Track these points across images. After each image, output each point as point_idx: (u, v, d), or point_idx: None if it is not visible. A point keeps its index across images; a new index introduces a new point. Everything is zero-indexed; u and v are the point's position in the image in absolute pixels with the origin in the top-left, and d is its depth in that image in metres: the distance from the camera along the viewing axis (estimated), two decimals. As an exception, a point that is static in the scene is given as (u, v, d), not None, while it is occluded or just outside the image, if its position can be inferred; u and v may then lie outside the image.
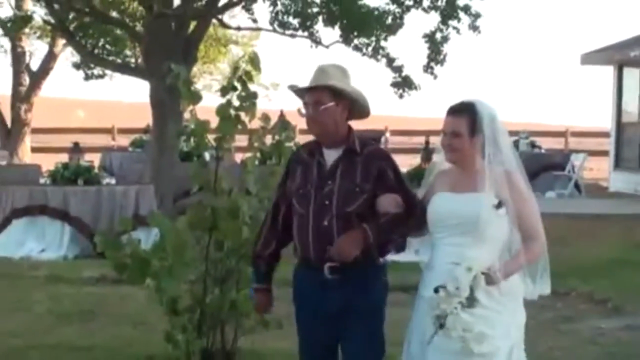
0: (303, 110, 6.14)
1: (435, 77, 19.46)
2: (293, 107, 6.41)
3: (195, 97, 9.02)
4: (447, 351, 5.53)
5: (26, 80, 28.74)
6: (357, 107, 6.11)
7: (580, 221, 18.86)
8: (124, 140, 29.73)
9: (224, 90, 8.92)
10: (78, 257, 15.28)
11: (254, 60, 8.73)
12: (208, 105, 9.56)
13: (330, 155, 6.08)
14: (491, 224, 5.58)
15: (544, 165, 24.26)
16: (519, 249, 5.63)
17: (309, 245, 6.03)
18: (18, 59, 28.93)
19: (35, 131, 29.25)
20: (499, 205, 5.58)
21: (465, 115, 5.68)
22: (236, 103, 8.90)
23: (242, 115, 8.84)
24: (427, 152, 16.44)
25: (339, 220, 5.92)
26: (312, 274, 6.06)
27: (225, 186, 8.84)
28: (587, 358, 9.85)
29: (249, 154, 9.17)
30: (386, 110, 26.50)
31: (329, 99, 6.01)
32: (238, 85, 8.82)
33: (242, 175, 9.03)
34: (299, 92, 6.26)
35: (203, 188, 8.99)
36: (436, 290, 5.35)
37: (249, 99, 8.91)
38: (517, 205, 5.63)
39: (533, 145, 25.25)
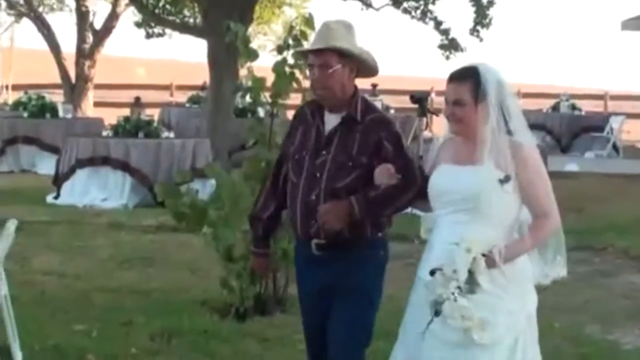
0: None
1: (481, 39, 19.40)
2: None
3: (252, 54, 9.07)
4: (444, 341, 4.80)
5: (90, 38, 28.84)
6: (364, 66, 5.47)
7: (617, 180, 18.80)
8: (181, 97, 29.81)
9: (279, 49, 8.96)
10: (138, 206, 15.41)
11: (309, 20, 8.76)
12: (261, 65, 9.58)
13: (331, 121, 5.43)
14: (495, 200, 4.78)
15: (583, 127, 24.20)
16: (528, 229, 4.91)
17: (297, 219, 5.43)
18: (82, 18, 29.03)
19: (98, 87, 29.40)
20: (505, 179, 4.74)
21: (469, 81, 4.87)
22: (291, 61, 8.95)
23: (297, 72, 8.88)
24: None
25: (327, 195, 5.27)
26: (301, 248, 5.54)
27: (279, 140, 8.88)
28: (621, 311, 9.79)
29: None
30: (432, 72, 26.39)
31: (336, 61, 5.34)
32: (294, 43, 8.87)
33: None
34: (304, 52, 5.88)
35: (258, 142, 9.05)
36: (432, 273, 4.68)
37: (304, 57, 8.96)
38: (525, 180, 4.79)
39: (573, 107, 25.09)
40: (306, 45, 7.94)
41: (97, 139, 16.64)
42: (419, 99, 13.44)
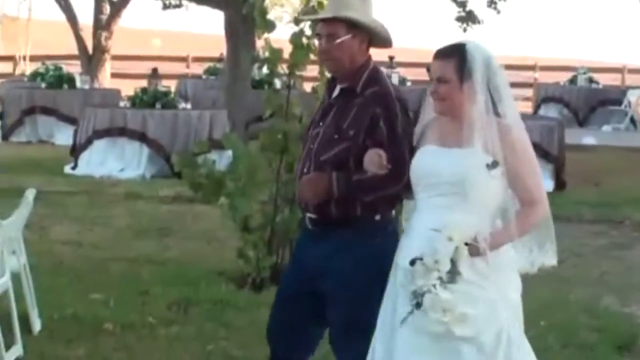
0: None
1: (499, 12, 19.37)
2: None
3: (270, 25, 9.08)
4: (424, 332, 4.51)
5: (107, 9, 28.81)
6: (377, 38, 5.15)
7: (635, 154, 18.78)
8: (197, 69, 29.83)
9: (297, 20, 8.98)
10: (155, 177, 15.49)
11: (325, -9, 8.78)
12: (278, 37, 9.59)
13: (336, 92, 5.20)
14: (481, 186, 4.49)
15: (600, 100, 24.18)
16: (513, 216, 4.56)
17: (297, 191, 5.28)
18: (99, -12, 29.09)
19: (115, 58, 29.38)
20: (493, 164, 4.44)
21: (454, 58, 4.56)
22: (308, 32, 8.95)
23: (314, 44, 8.88)
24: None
25: (314, 168, 5.02)
26: (303, 221, 5.29)
27: (296, 112, 8.92)
28: (637, 284, 9.81)
29: (319, 83, 9.17)
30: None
31: (345, 31, 5.02)
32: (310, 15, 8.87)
33: (313, 102, 9.06)
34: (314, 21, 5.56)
35: (275, 114, 9.07)
36: (412, 263, 4.45)
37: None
38: (513, 166, 4.49)
39: (591, 80, 25.04)
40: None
41: (115, 109, 16.73)
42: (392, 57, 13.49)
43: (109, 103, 18.19)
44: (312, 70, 9.36)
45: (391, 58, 22.42)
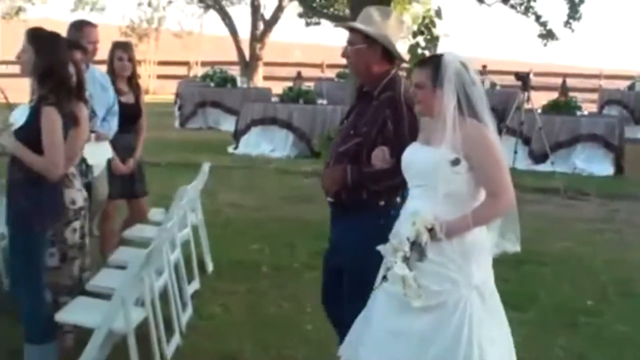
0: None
1: (573, 30, 18.96)
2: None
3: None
4: (394, 298, 4.19)
5: (260, 26, 29.15)
6: (391, 52, 4.81)
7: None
8: (330, 73, 29.86)
9: (414, 34, 9.01)
10: (298, 157, 15.58)
11: (438, 12, 8.78)
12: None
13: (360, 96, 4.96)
14: (445, 180, 4.12)
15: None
16: (476, 207, 4.16)
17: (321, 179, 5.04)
18: (255, 9, 29.33)
19: (266, 64, 29.67)
20: (455, 161, 4.10)
21: (429, 66, 4.25)
22: (422, 44, 8.98)
23: (427, 53, 8.90)
24: (564, 89, 16.07)
25: (335, 158, 4.84)
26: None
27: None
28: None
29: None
30: (532, 57, 25.93)
31: (360, 40, 4.76)
32: (424, 30, 8.90)
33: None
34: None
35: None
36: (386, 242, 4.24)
37: (433, 41, 8.99)
38: (477, 162, 4.10)
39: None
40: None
41: (267, 104, 16.83)
42: (522, 77, 13.27)
43: (262, 99, 18.34)
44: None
45: (484, 67, 22.17)
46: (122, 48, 7.43)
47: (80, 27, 6.91)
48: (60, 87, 5.07)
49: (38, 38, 5.14)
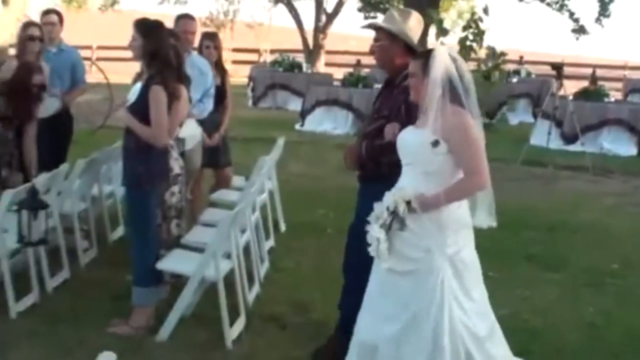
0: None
1: (603, 26, 18.70)
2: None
3: (444, 31, 9.14)
4: (379, 270, 4.25)
5: (323, 19, 29.13)
6: (411, 46, 4.77)
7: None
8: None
9: (464, 28, 9.03)
10: (356, 134, 15.60)
11: (486, 9, 8.80)
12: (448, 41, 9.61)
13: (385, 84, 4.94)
14: (427, 160, 4.08)
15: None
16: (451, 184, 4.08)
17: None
18: (319, 3, 29.31)
19: (327, 52, 29.64)
20: (435, 143, 4.03)
21: (422, 58, 4.18)
22: (470, 37, 9.00)
23: (474, 46, 8.92)
24: (593, 78, 15.91)
25: (362, 138, 4.83)
26: None
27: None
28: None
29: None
30: (566, 50, 25.66)
31: (384, 38, 4.79)
32: (473, 24, 8.91)
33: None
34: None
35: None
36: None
37: (480, 35, 9.01)
38: (454, 144, 4.01)
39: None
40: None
41: (330, 87, 16.92)
42: (557, 67, 13.20)
43: (325, 82, 18.41)
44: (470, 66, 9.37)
45: (521, 57, 21.95)
46: (209, 38, 7.61)
47: (180, 19, 7.11)
48: (164, 69, 5.27)
49: (145, 27, 5.35)
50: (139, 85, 5.52)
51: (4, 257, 5.56)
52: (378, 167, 4.67)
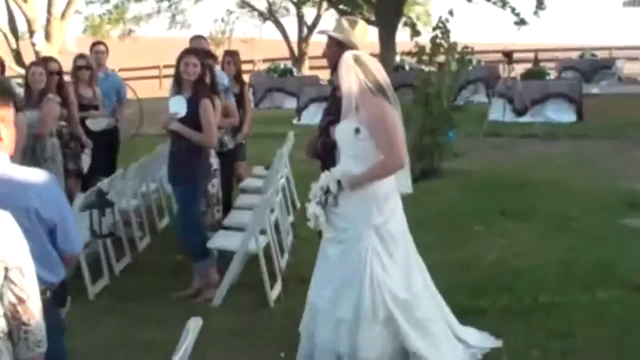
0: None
1: (539, 17, 18.67)
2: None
3: (417, 32, 9.15)
4: (323, 240, 4.18)
5: (305, 30, 29.08)
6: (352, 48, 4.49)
7: (620, 99, 17.96)
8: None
9: (433, 28, 9.05)
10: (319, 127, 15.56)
11: (451, 12, 8.82)
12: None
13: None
14: (352, 145, 3.98)
15: (599, 67, 23.14)
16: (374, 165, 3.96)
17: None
18: (300, 19, 29.25)
19: (311, 58, 29.48)
20: (357, 130, 3.92)
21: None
22: (440, 35, 9.02)
23: (443, 43, 8.88)
24: (536, 61, 16.04)
25: (320, 133, 4.75)
26: None
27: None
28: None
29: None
30: (508, 39, 25.64)
31: (333, 45, 4.66)
32: (442, 25, 8.93)
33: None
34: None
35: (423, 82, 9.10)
36: None
37: (447, 33, 9.04)
38: (376, 129, 3.90)
39: (592, 55, 23.94)
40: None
41: (320, 87, 16.80)
42: (508, 54, 13.37)
43: (314, 83, 18.37)
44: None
45: (472, 48, 21.83)
46: (230, 55, 7.62)
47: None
48: (207, 86, 5.36)
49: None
50: (175, 98, 5.51)
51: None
52: (332, 158, 4.47)
